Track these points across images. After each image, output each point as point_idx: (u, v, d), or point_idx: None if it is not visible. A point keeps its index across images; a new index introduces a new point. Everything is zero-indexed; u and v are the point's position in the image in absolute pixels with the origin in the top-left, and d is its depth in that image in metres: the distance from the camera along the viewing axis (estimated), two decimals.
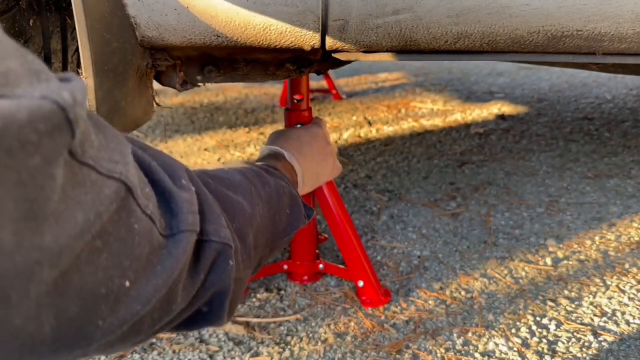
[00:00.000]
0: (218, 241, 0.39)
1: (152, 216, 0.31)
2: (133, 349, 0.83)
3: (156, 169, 0.34)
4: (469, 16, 0.60)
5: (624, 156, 1.58)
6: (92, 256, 0.26)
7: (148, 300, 0.30)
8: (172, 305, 0.34)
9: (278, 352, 0.82)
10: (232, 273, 0.41)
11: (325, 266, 0.99)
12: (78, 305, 0.26)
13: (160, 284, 0.31)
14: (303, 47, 0.65)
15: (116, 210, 0.27)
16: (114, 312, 0.28)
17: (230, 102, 2.40)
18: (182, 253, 0.33)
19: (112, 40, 0.59)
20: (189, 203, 0.35)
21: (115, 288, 0.28)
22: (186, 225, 0.34)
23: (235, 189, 0.49)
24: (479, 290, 0.96)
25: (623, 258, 1.06)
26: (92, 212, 0.25)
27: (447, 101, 2.30)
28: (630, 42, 0.63)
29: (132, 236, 0.28)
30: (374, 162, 1.61)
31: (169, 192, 0.34)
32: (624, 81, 2.48)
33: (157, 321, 0.34)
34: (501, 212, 1.26)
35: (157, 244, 0.31)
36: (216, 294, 0.40)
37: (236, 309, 0.48)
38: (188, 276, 0.36)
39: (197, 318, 0.41)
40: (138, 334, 0.33)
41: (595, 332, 0.85)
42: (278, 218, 0.57)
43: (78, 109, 0.23)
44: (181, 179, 0.37)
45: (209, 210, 0.39)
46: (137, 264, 0.29)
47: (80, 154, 0.24)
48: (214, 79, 0.74)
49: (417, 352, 0.81)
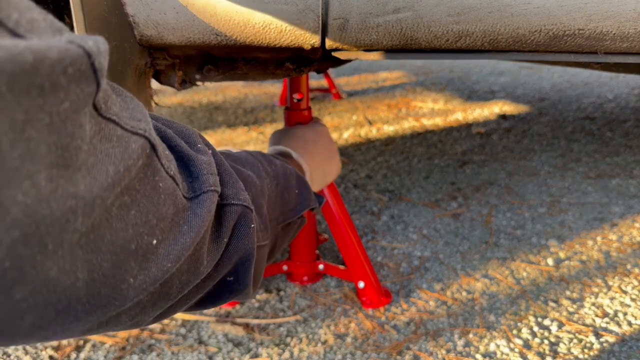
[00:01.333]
0: (239, 204, 0.39)
1: (175, 177, 0.31)
2: (132, 350, 0.83)
3: (172, 136, 0.35)
4: (470, 15, 0.59)
5: (626, 156, 1.58)
6: (122, 211, 0.26)
7: (177, 258, 0.30)
8: (199, 267, 0.34)
9: (278, 353, 0.82)
10: (254, 237, 0.41)
11: (325, 267, 0.98)
12: (110, 261, 0.26)
13: (188, 242, 0.31)
14: (303, 46, 0.64)
15: (142, 167, 0.27)
16: (144, 269, 0.28)
17: (229, 102, 2.39)
18: (206, 212, 0.33)
19: (111, 39, 0.59)
20: (208, 164, 0.36)
21: (144, 245, 0.28)
22: (208, 186, 0.34)
23: (242, 163, 0.49)
24: (480, 291, 0.96)
25: (625, 259, 1.05)
26: (121, 165, 0.25)
27: (448, 100, 2.30)
28: (632, 41, 0.62)
29: (158, 194, 0.29)
30: (374, 161, 1.61)
31: (187, 155, 0.35)
32: (626, 80, 2.48)
33: (186, 284, 0.34)
34: (502, 212, 1.26)
35: (181, 206, 0.31)
36: (240, 260, 0.40)
37: (260, 282, 0.48)
38: (211, 240, 0.36)
39: (223, 289, 0.41)
40: (168, 298, 0.33)
41: (597, 333, 0.84)
42: (287, 195, 0.56)
43: (102, 59, 0.23)
44: (197, 143, 0.37)
45: (226, 174, 0.40)
46: (164, 223, 0.29)
47: (105, 109, 0.25)
48: (213, 78, 0.74)
49: (417, 353, 0.81)
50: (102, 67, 0.23)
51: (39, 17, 0.22)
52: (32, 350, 0.83)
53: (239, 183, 0.40)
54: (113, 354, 0.82)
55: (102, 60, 0.23)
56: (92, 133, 0.24)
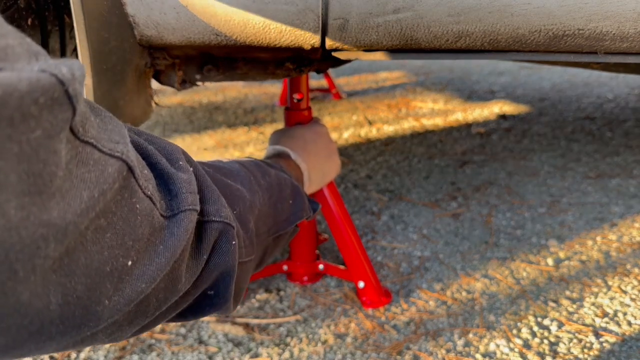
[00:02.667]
0: (219, 221, 0.39)
1: (152, 197, 0.31)
2: (132, 350, 0.83)
3: (153, 152, 0.35)
4: (470, 15, 0.59)
5: (626, 156, 1.58)
6: (98, 235, 0.26)
7: (153, 279, 0.30)
8: (177, 285, 0.34)
9: (278, 353, 0.82)
10: (235, 253, 0.41)
11: (325, 267, 0.98)
12: (84, 283, 0.26)
13: (163, 263, 0.31)
14: (303, 46, 0.64)
15: (119, 189, 0.27)
16: (119, 290, 0.28)
17: (229, 102, 2.39)
18: (183, 232, 0.33)
19: (111, 39, 0.59)
20: (188, 183, 0.35)
21: (120, 267, 0.28)
22: (186, 205, 0.34)
23: (233, 177, 0.49)
24: (480, 290, 0.96)
25: (625, 259, 1.05)
26: (96, 190, 0.25)
27: (448, 100, 2.30)
28: (632, 41, 0.62)
29: (135, 216, 0.29)
30: (374, 161, 1.61)
31: (167, 174, 0.34)
32: (626, 80, 2.48)
33: (163, 302, 0.34)
34: (502, 212, 1.26)
35: (158, 225, 0.31)
36: (221, 275, 0.40)
37: (242, 296, 0.48)
38: (191, 257, 0.36)
39: (203, 303, 0.41)
40: (145, 315, 0.33)
41: (596, 333, 0.84)
42: (280, 207, 0.56)
43: (77, 85, 0.23)
44: (178, 160, 0.37)
45: (208, 191, 0.39)
46: (139, 244, 0.29)
47: (82, 133, 0.25)
48: (213, 78, 0.74)
49: (417, 353, 0.81)
50: (77, 92, 0.23)
51: (15, 42, 0.22)
52: None
53: (220, 199, 0.40)
54: (113, 353, 0.82)
55: (77, 86, 0.23)
56: (69, 158, 0.24)
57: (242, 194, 0.47)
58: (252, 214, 0.48)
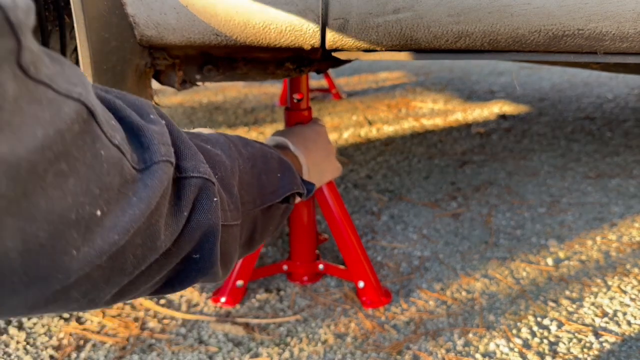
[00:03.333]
0: (198, 176, 0.38)
1: (121, 147, 0.30)
2: (132, 350, 0.83)
3: (121, 107, 0.33)
4: (469, 15, 0.59)
5: (626, 156, 1.58)
6: (59, 179, 0.25)
7: (126, 230, 0.29)
8: (155, 242, 0.33)
9: (278, 353, 0.82)
10: (217, 211, 0.39)
11: (325, 267, 0.98)
12: (47, 230, 0.25)
13: (137, 214, 0.30)
14: (303, 46, 0.64)
15: (79, 132, 0.26)
16: (88, 241, 0.27)
17: (229, 102, 2.39)
18: (158, 183, 0.32)
19: (111, 39, 0.59)
20: (160, 135, 0.34)
21: (86, 215, 0.27)
22: (159, 156, 0.33)
23: (212, 143, 0.47)
24: (480, 290, 0.96)
25: (624, 258, 1.05)
26: (51, 129, 0.24)
27: (448, 100, 2.30)
28: (632, 41, 0.62)
29: (100, 163, 0.28)
30: (374, 162, 1.61)
31: (137, 126, 0.33)
32: (626, 80, 2.48)
33: (142, 259, 0.33)
34: (502, 212, 1.26)
35: (130, 177, 0.30)
36: (204, 235, 0.39)
37: (232, 265, 0.47)
38: (170, 214, 0.35)
39: (189, 268, 0.40)
40: (122, 273, 0.32)
41: (596, 333, 0.84)
42: (265, 178, 0.54)
43: (20, 14, 0.22)
44: (149, 114, 0.36)
45: (184, 146, 0.38)
46: (109, 194, 0.28)
47: (34, 72, 0.24)
48: (213, 78, 0.74)
49: (417, 353, 0.81)
50: (20, 22, 0.22)
51: None
52: (32, 350, 0.83)
53: (198, 155, 0.39)
54: (113, 353, 0.82)
55: (21, 15, 0.22)
56: (17, 94, 0.23)
57: (221, 159, 0.46)
58: (234, 179, 0.47)
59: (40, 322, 0.89)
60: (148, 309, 0.92)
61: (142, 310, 0.92)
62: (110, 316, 0.90)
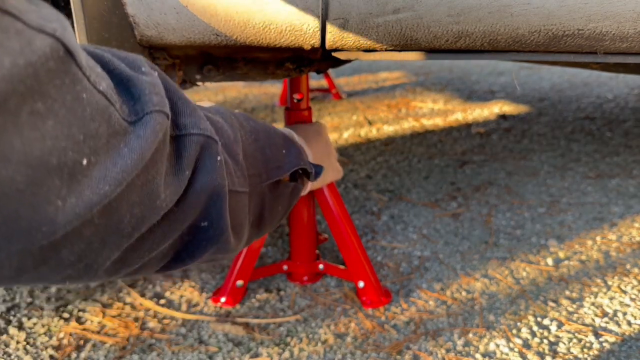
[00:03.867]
0: (199, 133, 0.35)
1: (107, 95, 0.28)
2: (132, 350, 0.83)
3: (110, 59, 0.31)
4: (469, 15, 0.60)
5: (626, 156, 1.58)
6: (35, 119, 0.23)
7: (117, 181, 0.27)
8: (155, 201, 0.31)
9: (278, 352, 0.82)
10: (222, 171, 0.37)
11: (325, 267, 0.98)
12: (25, 174, 0.23)
13: (129, 165, 0.28)
14: (303, 46, 0.64)
15: (56, 71, 0.24)
16: (75, 191, 0.26)
17: (229, 102, 2.39)
18: (151, 134, 0.30)
19: (111, 39, 0.59)
20: (152, 85, 0.32)
21: (70, 162, 0.25)
22: (151, 106, 0.31)
23: (213, 112, 0.45)
24: (480, 290, 0.96)
25: (624, 258, 1.05)
26: (21, 59, 0.22)
27: (448, 100, 2.30)
28: (632, 41, 0.63)
29: (82, 107, 0.26)
30: (374, 161, 1.61)
31: (126, 77, 0.31)
32: (626, 80, 2.48)
33: (140, 220, 0.31)
34: (502, 212, 1.26)
35: (120, 128, 0.28)
36: (210, 198, 0.37)
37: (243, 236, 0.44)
38: (170, 173, 0.33)
39: (198, 237, 0.38)
40: (120, 233, 0.30)
41: (596, 333, 0.84)
42: (270, 152, 0.52)
43: None
44: (141, 67, 0.33)
45: (181, 102, 0.36)
46: (95, 143, 0.26)
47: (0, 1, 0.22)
48: (213, 78, 0.74)
49: (417, 353, 0.81)
50: None
51: None
52: (32, 350, 0.83)
53: (198, 111, 0.37)
54: (113, 353, 0.82)
55: None
56: None
57: (223, 126, 0.44)
58: (237, 146, 0.45)
59: (40, 322, 0.89)
60: (148, 309, 0.92)
61: (142, 310, 0.92)
62: (110, 316, 0.90)
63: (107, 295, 0.96)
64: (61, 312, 0.92)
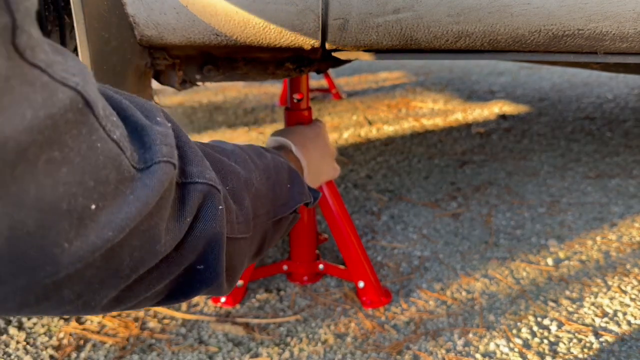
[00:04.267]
0: (203, 182, 0.37)
1: (120, 143, 0.29)
2: (132, 350, 0.83)
3: (127, 106, 0.33)
4: (470, 15, 0.59)
5: (626, 156, 1.58)
6: (51, 167, 0.25)
7: (121, 228, 0.28)
8: (155, 245, 0.32)
9: (278, 352, 0.82)
10: (223, 220, 0.38)
11: (325, 267, 0.98)
12: (36, 219, 0.24)
13: (133, 212, 0.29)
14: (303, 46, 0.64)
15: (74, 123, 0.26)
16: (81, 235, 0.27)
17: (229, 102, 2.39)
18: (157, 183, 0.31)
19: (111, 40, 0.59)
20: (164, 136, 0.33)
21: (79, 208, 0.26)
22: (160, 156, 0.32)
23: (227, 154, 0.46)
24: (480, 290, 0.96)
25: (624, 258, 1.05)
26: (42, 112, 0.24)
27: (448, 100, 2.30)
28: (632, 41, 0.62)
29: (96, 155, 0.27)
30: (374, 161, 1.61)
31: (141, 126, 0.32)
32: (626, 80, 2.48)
33: (140, 263, 0.32)
34: (502, 212, 1.26)
35: (128, 175, 0.29)
36: (209, 244, 0.38)
37: (237, 277, 0.45)
38: (172, 219, 0.34)
39: (193, 280, 0.39)
40: (118, 275, 0.31)
41: (596, 333, 0.84)
42: (278, 190, 0.54)
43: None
44: (156, 116, 0.35)
45: (190, 152, 0.37)
46: (104, 189, 0.28)
47: (30, 54, 0.23)
48: (213, 78, 0.74)
49: (417, 353, 0.81)
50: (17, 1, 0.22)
51: None
52: (32, 350, 0.83)
53: (204, 161, 0.38)
54: (113, 353, 0.82)
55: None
56: (10, 73, 0.22)
57: (236, 170, 0.45)
58: (247, 192, 0.46)
59: (40, 322, 0.89)
60: (148, 309, 0.92)
61: (142, 310, 0.92)
62: (110, 316, 0.90)
63: None
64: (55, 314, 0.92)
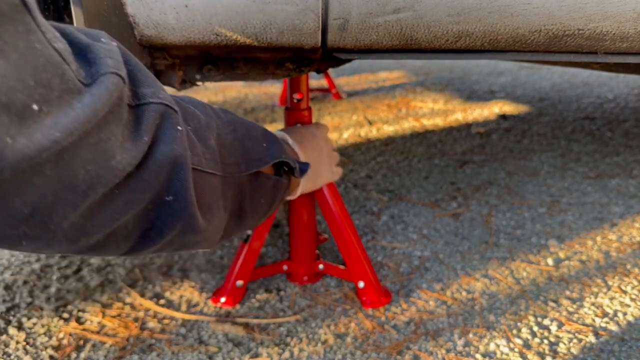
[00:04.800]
0: (158, 102, 0.36)
1: (62, 54, 0.29)
2: (132, 350, 0.83)
3: (71, 31, 0.33)
4: (470, 15, 0.59)
5: (626, 156, 1.58)
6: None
7: (68, 131, 0.28)
8: (109, 161, 0.32)
9: (278, 353, 0.82)
10: (184, 142, 0.38)
11: (325, 267, 0.98)
12: None
13: (81, 117, 0.29)
14: (303, 46, 0.64)
15: (9, 17, 0.26)
16: (24, 133, 0.26)
17: (229, 102, 2.39)
18: (104, 92, 0.31)
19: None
20: (108, 50, 0.33)
21: (19, 103, 0.26)
22: (106, 68, 0.32)
23: (185, 101, 0.46)
24: (480, 290, 0.96)
25: (625, 258, 1.05)
26: None
27: (448, 100, 2.30)
28: (632, 41, 0.62)
29: (35, 56, 0.27)
30: (374, 161, 1.61)
31: (84, 45, 0.32)
32: (626, 80, 2.48)
33: (95, 179, 0.31)
34: (502, 212, 1.26)
35: (74, 87, 0.29)
36: (172, 169, 0.37)
37: (212, 218, 0.44)
38: (128, 138, 0.34)
39: (164, 213, 0.38)
40: (73, 190, 0.30)
41: (596, 333, 0.84)
42: (249, 144, 0.53)
43: None
44: (100, 37, 0.35)
45: (141, 74, 0.37)
46: (47, 92, 0.28)
47: None
48: (213, 78, 0.74)
49: (417, 353, 0.81)
50: None
51: None
52: (32, 350, 0.83)
53: (157, 83, 0.38)
54: (113, 353, 0.82)
55: None
56: None
57: (195, 113, 0.45)
58: (210, 133, 0.46)
59: (40, 322, 0.89)
60: (148, 309, 0.92)
61: (142, 310, 0.92)
62: (110, 316, 0.90)
63: (107, 295, 0.96)
64: (61, 312, 0.92)
